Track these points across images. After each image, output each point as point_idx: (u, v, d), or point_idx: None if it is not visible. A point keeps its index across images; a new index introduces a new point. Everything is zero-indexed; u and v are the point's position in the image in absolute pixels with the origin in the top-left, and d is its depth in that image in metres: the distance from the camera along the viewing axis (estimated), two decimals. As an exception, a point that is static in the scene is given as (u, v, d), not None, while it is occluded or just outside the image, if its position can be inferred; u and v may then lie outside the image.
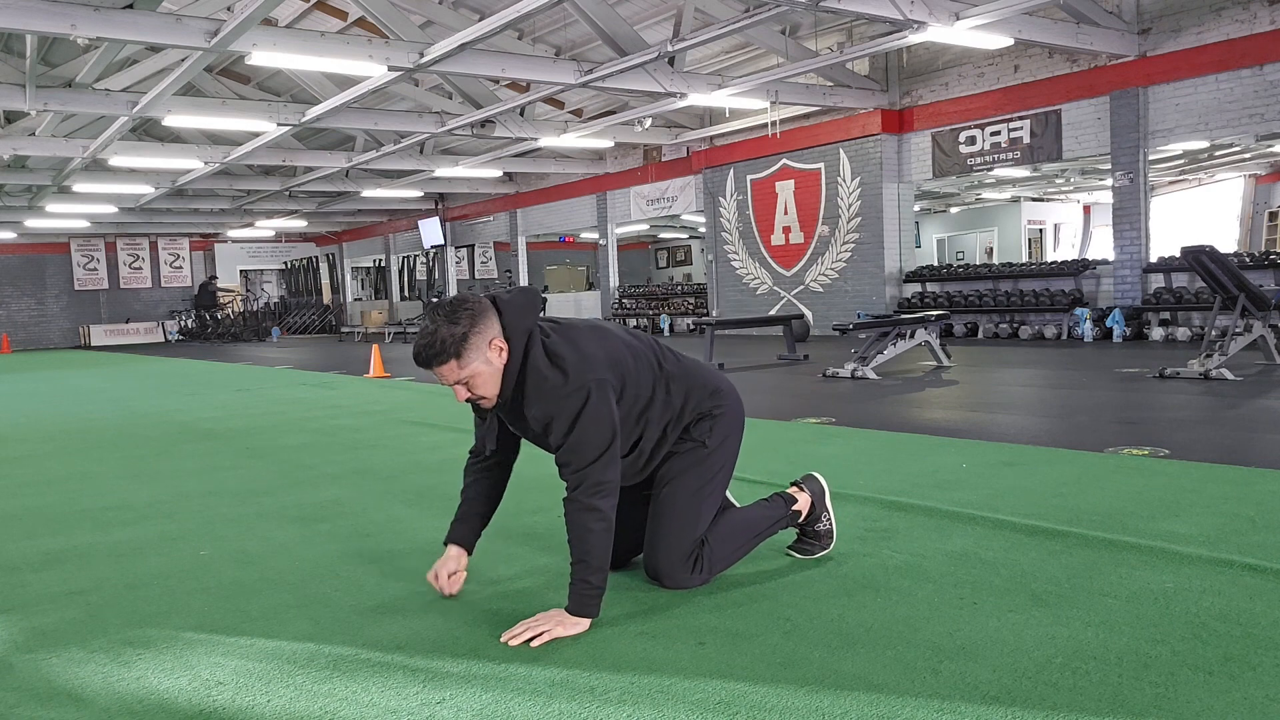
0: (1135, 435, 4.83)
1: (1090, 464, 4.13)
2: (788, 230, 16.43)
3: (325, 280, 32.74)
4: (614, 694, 1.95)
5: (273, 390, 9.78)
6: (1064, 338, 12.63)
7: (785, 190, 16.41)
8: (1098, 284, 12.97)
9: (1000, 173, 14.72)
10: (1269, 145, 14.33)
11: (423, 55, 10.51)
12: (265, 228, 29.44)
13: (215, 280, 29.78)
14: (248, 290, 31.84)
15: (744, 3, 11.02)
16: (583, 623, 2.30)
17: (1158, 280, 12.13)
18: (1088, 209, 23.17)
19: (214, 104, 13.75)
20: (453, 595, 2.60)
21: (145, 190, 20.31)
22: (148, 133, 17.61)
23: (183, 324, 29.03)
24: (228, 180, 20.20)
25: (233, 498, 4.18)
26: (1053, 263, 14.59)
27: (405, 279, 30.23)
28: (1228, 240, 19.70)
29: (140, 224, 27.82)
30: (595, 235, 22.14)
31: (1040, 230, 22.78)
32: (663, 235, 29.76)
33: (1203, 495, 3.43)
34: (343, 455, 5.27)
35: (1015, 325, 13.31)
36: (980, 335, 13.70)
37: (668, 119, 17.24)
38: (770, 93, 13.36)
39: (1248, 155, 17.04)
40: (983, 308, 13.78)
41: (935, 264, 18.09)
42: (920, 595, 2.48)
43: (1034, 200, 22.38)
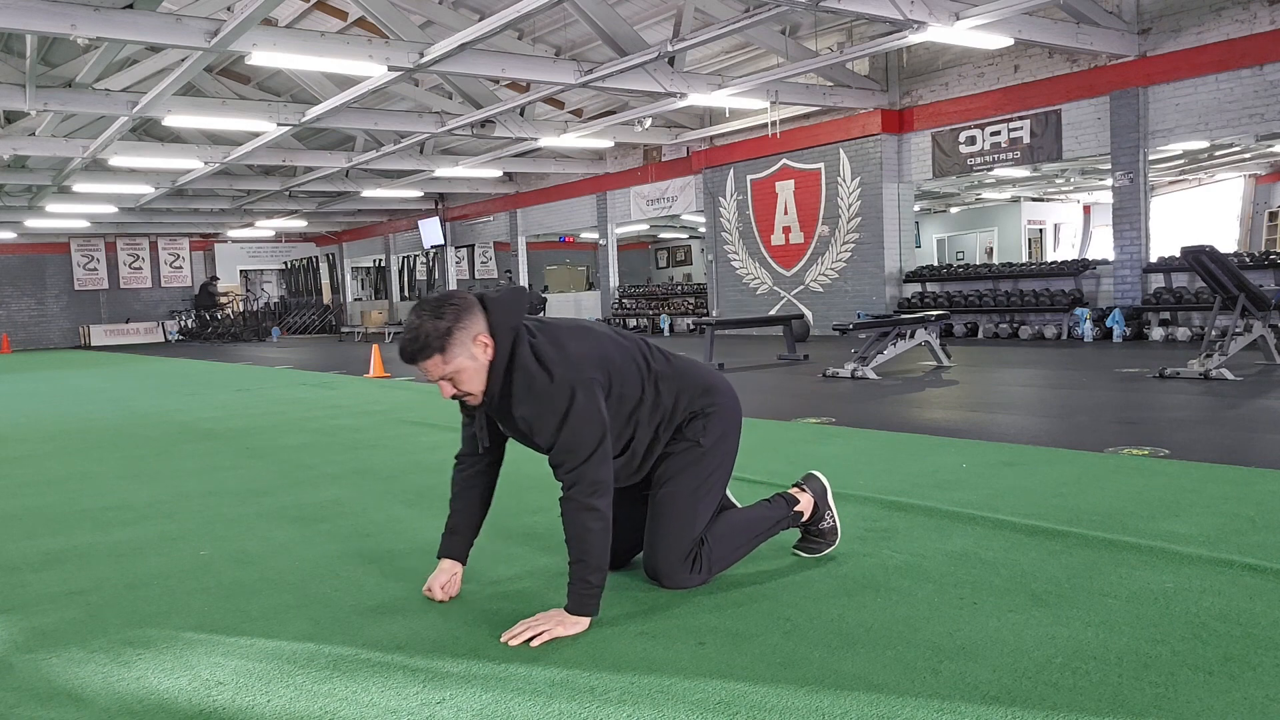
0: (1135, 435, 4.83)
1: (1090, 464, 4.13)
2: (788, 230, 16.44)
3: (325, 280, 32.74)
4: (614, 694, 1.95)
5: (273, 390, 9.78)
6: (1064, 338, 12.63)
7: (785, 190, 16.41)
8: (1098, 284, 12.97)
9: (1000, 173, 14.72)
10: (1269, 145, 14.33)
11: (423, 55, 10.52)
12: (265, 228, 29.44)
13: (216, 281, 29.78)
14: (248, 290, 31.84)
15: (744, 3, 11.02)
16: (582, 622, 2.30)
17: (1158, 280, 12.13)
18: (1088, 209, 23.16)
19: (214, 104, 13.76)
20: (452, 597, 2.60)
21: (145, 190, 20.31)
22: (148, 133, 17.61)
23: (183, 324, 29.04)
24: (228, 180, 20.20)
25: (233, 498, 4.18)
26: (1053, 263, 14.59)
27: (405, 279, 30.22)
28: (1228, 240, 19.69)
29: (140, 224, 27.83)
30: (595, 235, 22.14)
31: (1040, 230, 22.78)
32: (663, 235, 29.76)
33: (1203, 495, 3.43)
34: (343, 455, 5.27)
35: (1015, 325, 13.31)
36: (980, 335, 13.70)
37: (668, 119, 17.24)
38: (770, 93, 13.36)
39: (1248, 155, 17.04)
40: (983, 308, 13.78)
41: (935, 264, 18.10)
42: (920, 595, 2.48)
43: (1034, 200, 22.38)
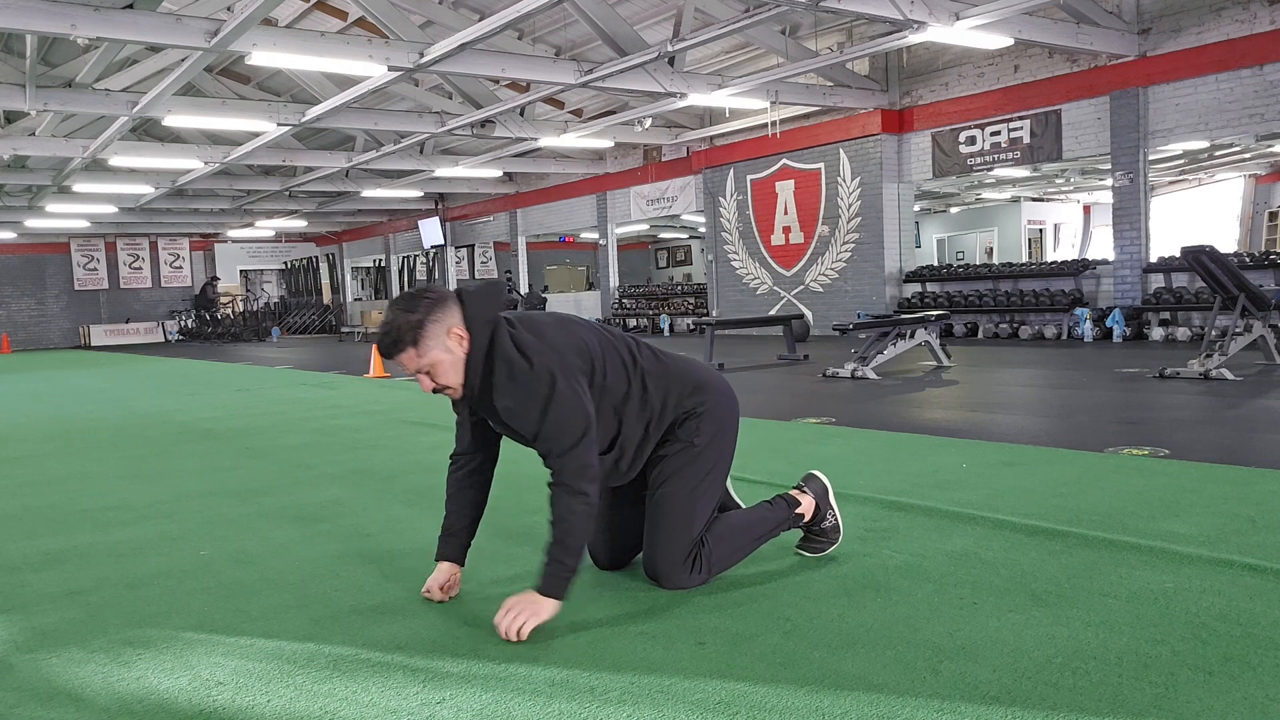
0: (1135, 435, 4.83)
1: (1090, 464, 4.13)
2: (788, 230, 16.44)
3: (325, 280, 32.73)
4: (614, 694, 1.95)
5: (273, 390, 9.78)
6: (1064, 338, 12.63)
7: (785, 190, 16.41)
8: (1098, 284, 12.97)
9: (1000, 173, 14.72)
10: (1269, 145, 14.32)
11: (423, 55, 10.52)
12: (265, 228, 29.44)
13: (217, 280, 29.78)
14: (248, 290, 31.84)
15: (744, 3, 11.02)
16: (553, 604, 2.30)
17: (1158, 280, 12.12)
18: (1088, 209, 23.16)
19: (214, 104, 13.76)
20: (452, 597, 2.61)
21: (145, 190, 20.31)
22: (148, 133, 17.61)
23: (183, 324, 29.04)
24: (228, 180, 20.20)
25: (233, 498, 4.18)
26: (1053, 263, 14.59)
27: (405, 279, 30.22)
28: (1228, 240, 19.69)
29: (140, 224, 27.82)
30: (595, 235, 22.14)
31: (1040, 230, 22.77)
32: (663, 235, 29.75)
33: (1203, 495, 3.43)
34: (343, 455, 5.27)
35: (1015, 325, 13.30)
36: (980, 335, 13.70)
37: (668, 119, 17.24)
38: (770, 93, 13.36)
39: (1248, 155, 17.04)
40: (983, 308, 13.77)
41: (935, 264, 18.09)
42: (920, 595, 2.48)
43: (1034, 200, 22.38)
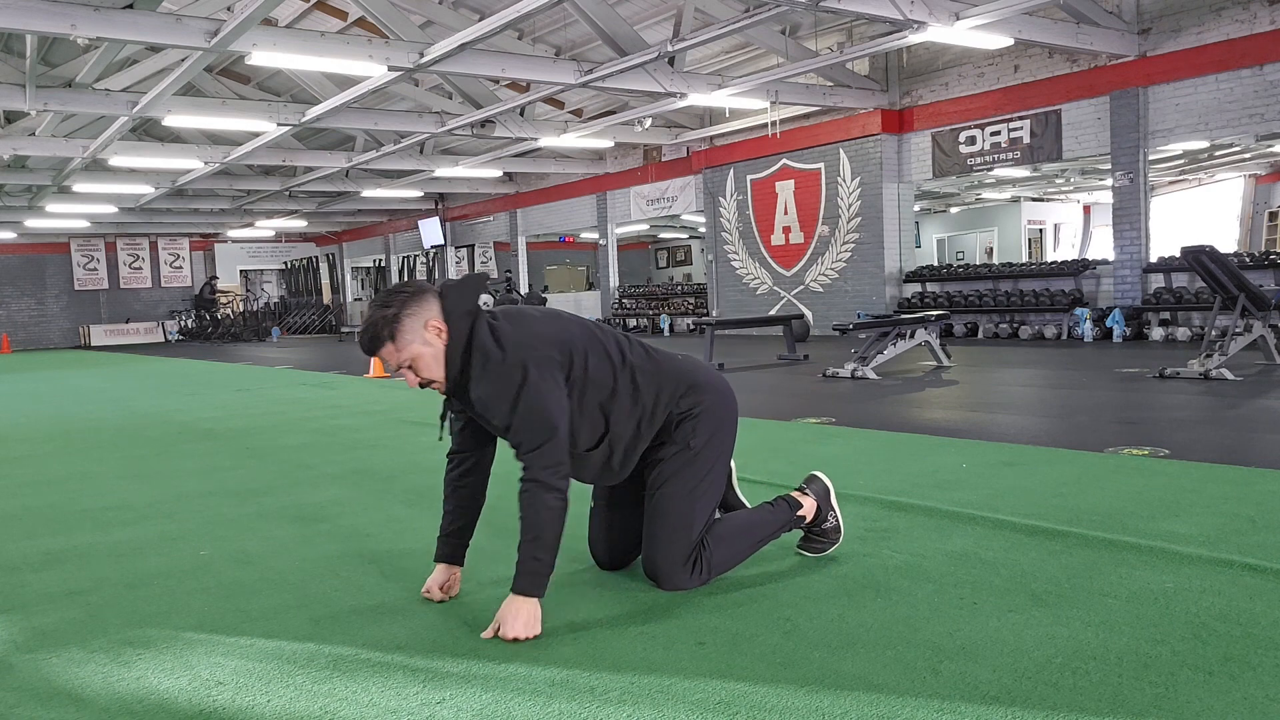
0: (1135, 435, 4.83)
1: (1090, 464, 4.13)
2: (788, 230, 16.43)
3: (325, 280, 32.73)
4: (614, 694, 1.95)
5: (273, 390, 9.78)
6: (1064, 338, 12.62)
7: (785, 190, 16.41)
8: (1098, 284, 12.97)
9: (1000, 173, 14.72)
10: (1269, 145, 14.32)
11: (423, 55, 10.52)
12: (265, 228, 29.44)
13: (216, 280, 29.78)
14: (247, 290, 31.84)
15: (744, 3, 11.02)
16: (533, 607, 2.29)
17: (1158, 280, 12.12)
18: (1088, 209, 23.16)
19: (214, 104, 13.76)
20: (452, 596, 2.61)
21: (145, 190, 20.31)
22: (148, 133, 17.61)
23: (183, 324, 29.03)
24: (228, 180, 20.20)
25: (233, 498, 4.18)
26: (1053, 263, 14.59)
27: (405, 279, 30.16)
28: (1228, 240, 19.69)
29: (140, 224, 27.82)
30: (595, 235, 22.14)
31: (1040, 230, 22.77)
32: (663, 235, 29.75)
33: (1203, 495, 3.43)
34: (343, 455, 5.27)
35: (1015, 325, 13.30)
36: (980, 335, 13.70)
37: (668, 119, 17.24)
38: (770, 93, 13.36)
39: (1248, 155, 17.04)
40: (983, 308, 13.77)
41: (935, 264, 18.09)
42: (920, 595, 2.48)
43: (1034, 200, 22.37)
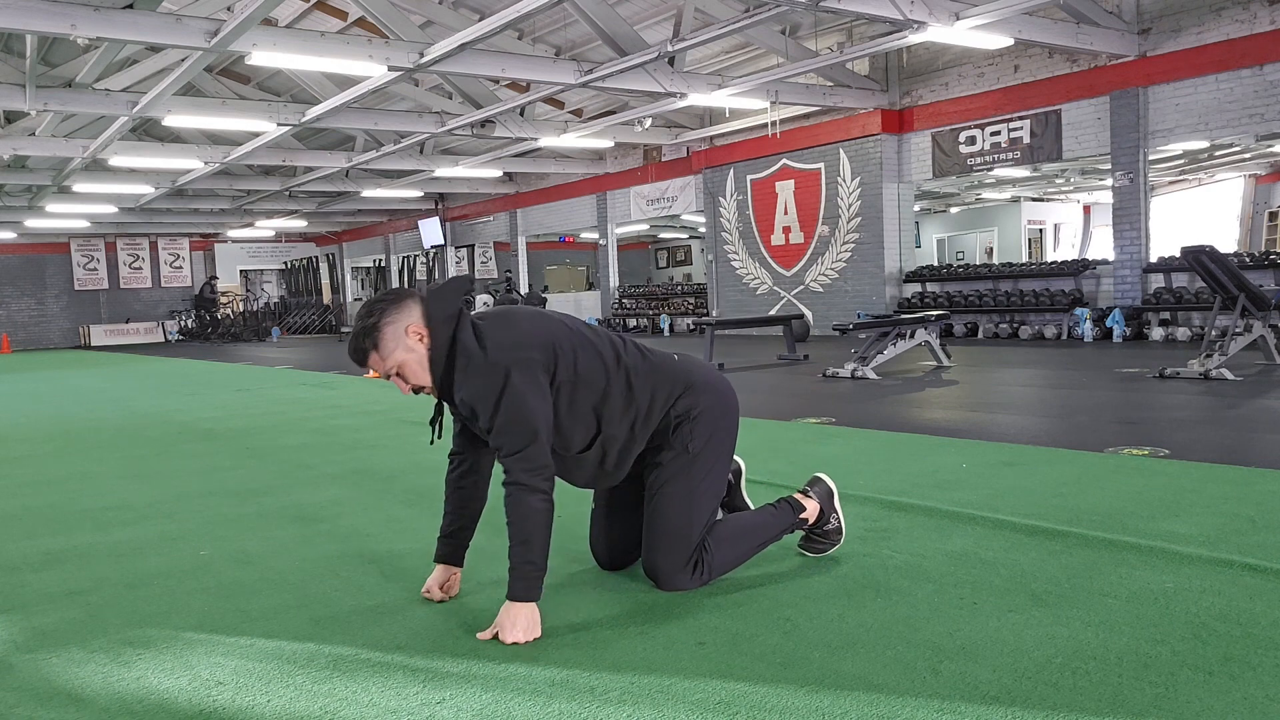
0: (1135, 435, 4.83)
1: (1090, 464, 4.13)
2: (788, 230, 16.43)
3: (325, 280, 32.73)
4: (614, 694, 1.95)
5: (273, 390, 9.78)
6: (1064, 338, 12.62)
7: (785, 190, 16.41)
8: (1098, 284, 12.97)
9: (1000, 173, 14.72)
10: (1269, 145, 14.32)
11: (423, 55, 10.51)
12: (265, 228, 29.44)
13: (216, 280, 29.77)
14: (248, 290, 31.84)
15: (744, 3, 11.02)
16: (529, 611, 2.27)
17: (1158, 280, 12.12)
18: (1088, 209, 23.16)
19: (214, 104, 13.76)
20: (452, 596, 2.61)
21: (145, 190, 20.31)
22: (148, 133, 17.61)
23: (183, 324, 29.03)
24: (228, 180, 20.20)
25: (233, 498, 4.18)
26: (1053, 263, 14.59)
27: (405, 279, 30.22)
28: (1228, 240, 19.69)
29: (140, 224, 27.82)
30: (595, 235, 22.14)
31: (1040, 230, 22.77)
32: (663, 235, 29.75)
33: (1203, 495, 3.43)
34: (343, 455, 5.27)
35: (1015, 325, 13.30)
36: (980, 335, 13.70)
37: (668, 119, 17.24)
38: (770, 93, 13.36)
39: (1248, 155, 17.04)
40: (983, 308, 13.77)
41: (935, 264, 18.09)
42: (920, 595, 2.48)
43: (1034, 200, 22.38)
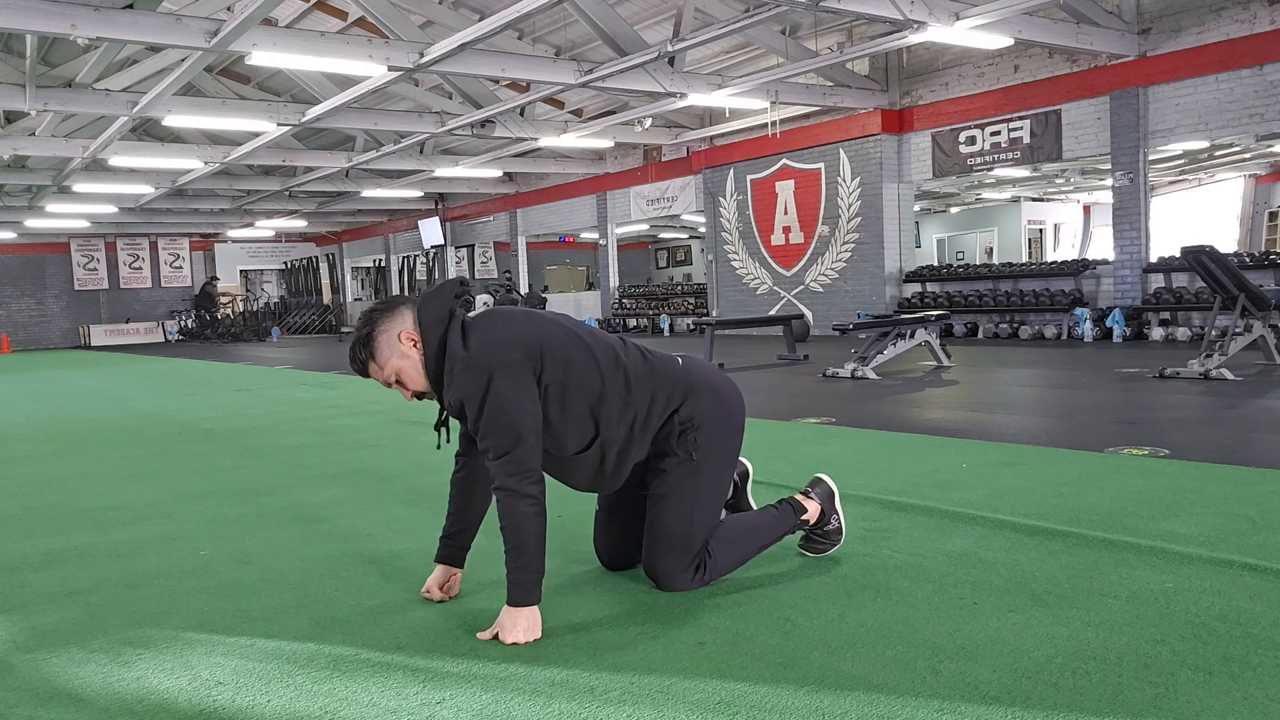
0: (1135, 435, 4.83)
1: (1090, 464, 4.12)
2: (788, 230, 16.43)
3: (325, 280, 32.73)
4: (614, 694, 1.95)
5: (273, 390, 9.78)
6: (1064, 338, 12.62)
7: (785, 190, 16.41)
8: (1098, 284, 12.97)
9: (1000, 173, 14.72)
10: (1269, 145, 14.32)
11: (423, 55, 10.51)
12: (265, 228, 29.43)
13: (216, 281, 29.78)
14: (248, 290, 31.84)
15: (744, 3, 11.02)
16: (530, 614, 2.27)
17: (1158, 280, 12.12)
18: (1088, 209, 23.16)
19: (214, 104, 13.75)
20: (452, 596, 2.61)
21: (145, 190, 20.31)
22: (148, 133, 17.61)
23: (183, 324, 29.03)
24: (228, 180, 20.20)
25: (233, 498, 4.18)
26: (1053, 263, 14.59)
27: (405, 279, 30.22)
28: (1228, 240, 19.69)
29: (140, 224, 27.82)
30: (595, 235, 22.14)
31: (1040, 230, 22.78)
32: (663, 235, 29.75)
33: (1203, 495, 3.43)
34: (343, 455, 5.27)
35: (1015, 325, 13.30)
36: (980, 335, 13.70)
37: (668, 119, 17.24)
38: (770, 93, 13.36)
39: (1248, 155, 17.04)
40: (983, 308, 13.77)
41: (935, 264, 18.09)
42: (920, 595, 2.48)
43: (1034, 200, 22.38)
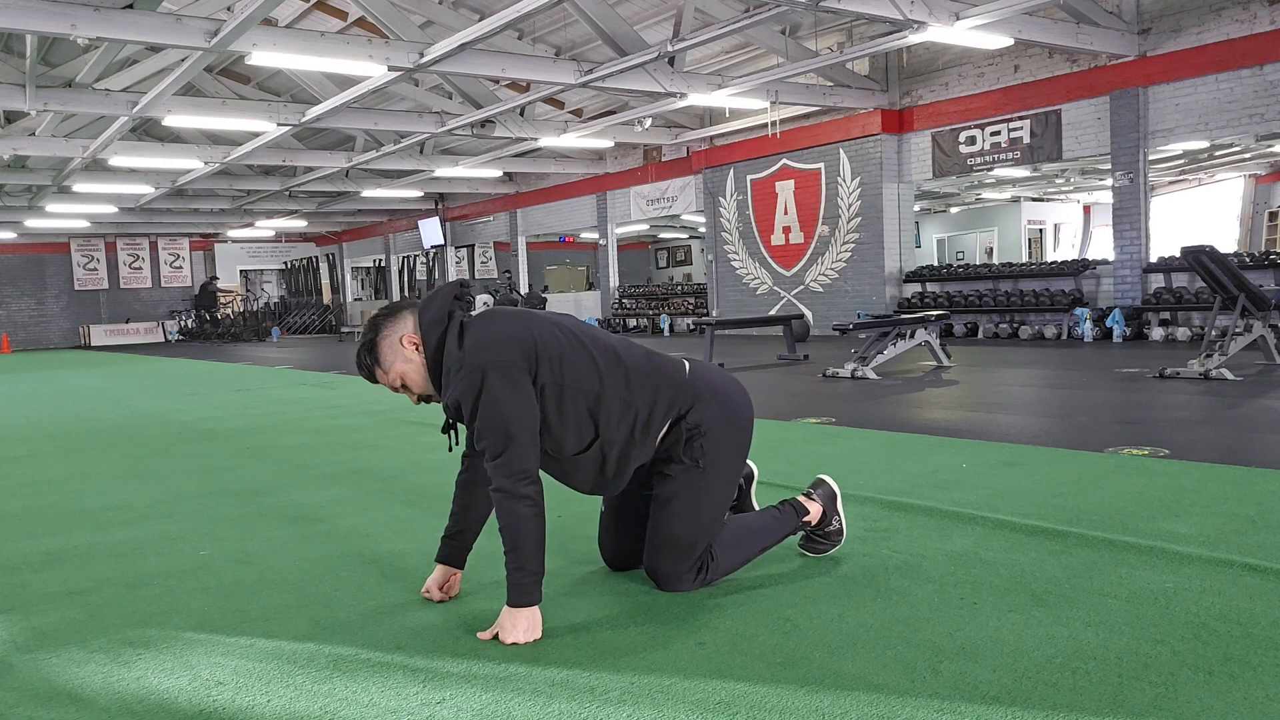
0: (1135, 435, 4.83)
1: (1090, 464, 4.12)
2: (788, 230, 16.43)
3: (325, 280, 32.73)
4: (614, 694, 1.95)
5: (273, 390, 9.78)
6: (1064, 338, 12.62)
7: (785, 190, 16.41)
8: (1098, 284, 12.97)
9: (1000, 173, 14.72)
10: (1269, 145, 14.32)
11: (423, 55, 10.51)
12: (265, 228, 29.43)
13: (216, 280, 29.78)
14: (248, 290, 31.84)
15: (744, 3, 11.02)
16: (530, 614, 2.27)
17: (1158, 280, 12.12)
18: (1088, 209, 23.16)
19: (214, 104, 13.75)
20: (452, 597, 2.61)
21: (145, 190, 20.31)
22: (148, 133, 17.61)
23: (183, 324, 29.03)
24: (228, 180, 20.20)
25: (233, 498, 4.18)
26: (1053, 263, 14.59)
27: (405, 279, 30.22)
28: (1228, 240, 19.69)
29: (140, 224, 27.82)
30: (595, 235, 22.13)
31: (1040, 230, 22.78)
32: (663, 235, 29.75)
33: (1203, 495, 3.43)
34: (343, 455, 5.27)
35: (1015, 325, 13.30)
36: (980, 335, 13.69)
37: (668, 119, 17.23)
38: (770, 93, 13.36)
39: (1248, 155, 17.04)
40: (983, 308, 13.77)
41: (935, 264, 18.09)
42: (920, 595, 2.48)
43: (1034, 200, 22.38)
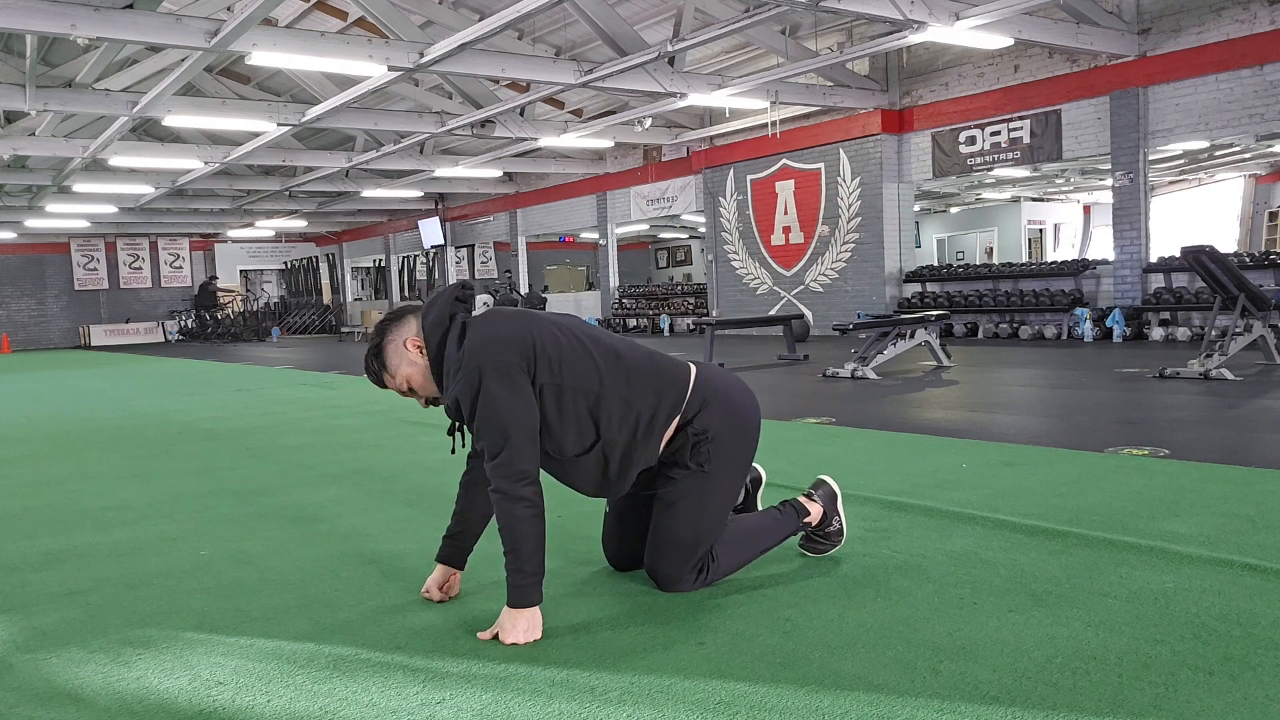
0: (1135, 435, 4.83)
1: (1090, 464, 4.12)
2: (788, 230, 16.43)
3: (325, 280, 32.73)
4: (614, 694, 1.95)
5: (273, 390, 9.78)
6: (1064, 338, 12.62)
7: (785, 190, 16.41)
8: (1098, 284, 12.97)
9: (1000, 173, 14.72)
10: (1269, 145, 14.32)
11: (423, 55, 10.52)
12: (265, 228, 29.44)
13: (216, 280, 29.79)
14: (248, 290, 31.84)
15: (744, 3, 11.02)
16: (530, 615, 2.27)
17: (1158, 280, 12.13)
18: (1088, 209, 23.16)
19: (214, 104, 13.75)
20: (452, 597, 2.60)
21: (145, 190, 20.31)
22: (148, 133, 17.61)
23: (183, 324, 29.03)
24: (228, 180, 20.20)
25: (233, 498, 4.18)
26: (1053, 263, 14.59)
27: (405, 279, 30.23)
28: (1228, 240, 19.70)
29: (140, 224, 27.82)
30: (595, 235, 22.14)
31: (1040, 230, 22.78)
32: (663, 235, 29.75)
33: (1203, 495, 3.43)
34: (343, 455, 5.27)
35: (1015, 325, 13.30)
36: (980, 335, 13.70)
37: (668, 119, 17.24)
38: (770, 93, 13.36)
39: (1248, 155, 17.04)
40: (983, 308, 13.77)
41: (935, 264, 18.09)
42: (920, 595, 2.48)
43: (1034, 200, 22.38)
